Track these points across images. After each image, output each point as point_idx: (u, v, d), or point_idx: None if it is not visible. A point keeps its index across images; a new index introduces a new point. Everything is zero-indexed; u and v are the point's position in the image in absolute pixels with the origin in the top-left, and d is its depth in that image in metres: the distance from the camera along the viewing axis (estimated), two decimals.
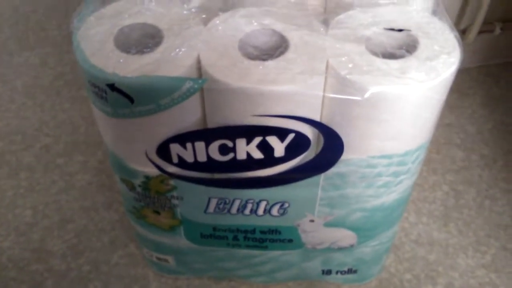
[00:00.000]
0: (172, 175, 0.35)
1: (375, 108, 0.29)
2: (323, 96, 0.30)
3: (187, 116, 0.31)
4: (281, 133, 0.31)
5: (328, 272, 0.44)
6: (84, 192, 0.55)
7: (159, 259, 0.45)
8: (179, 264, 0.45)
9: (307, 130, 0.31)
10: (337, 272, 0.44)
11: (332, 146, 0.32)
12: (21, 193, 0.55)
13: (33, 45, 0.76)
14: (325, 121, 0.31)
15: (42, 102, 0.66)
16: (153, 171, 0.34)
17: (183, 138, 0.32)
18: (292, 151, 0.32)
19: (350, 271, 0.44)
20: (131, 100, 0.29)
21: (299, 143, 0.32)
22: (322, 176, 0.34)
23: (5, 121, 0.63)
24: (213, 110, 0.31)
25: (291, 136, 0.31)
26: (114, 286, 0.46)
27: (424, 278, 0.48)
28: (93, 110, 0.33)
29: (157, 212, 0.39)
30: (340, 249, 0.41)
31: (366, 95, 0.29)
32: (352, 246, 0.41)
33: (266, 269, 0.44)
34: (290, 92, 0.29)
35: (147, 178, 0.35)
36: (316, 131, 0.31)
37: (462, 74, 0.70)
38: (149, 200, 0.37)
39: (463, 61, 0.30)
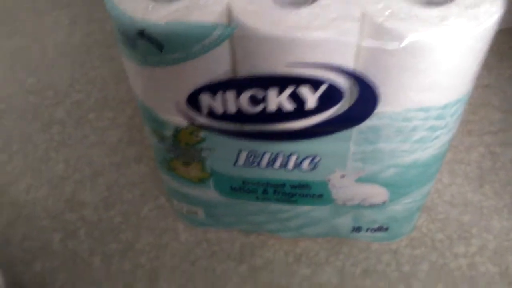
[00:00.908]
0: (202, 126, 0.34)
1: (412, 57, 0.28)
2: (358, 45, 0.29)
3: (217, 65, 0.30)
4: (314, 83, 0.30)
5: (358, 229, 0.44)
6: (115, 146, 0.55)
7: (188, 211, 0.45)
8: (208, 217, 0.45)
9: (341, 81, 0.30)
10: (367, 230, 0.44)
11: (367, 98, 0.31)
12: (54, 147, 0.56)
13: (62, 4, 0.76)
14: (359, 71, 0.30)
15: (72, 59, 0.66)
16: (183, 122, 0.34)
17: (213, 88, 0.31)
18: (325, 102, 0.31)
19: (380, 228, 0.44)
20: (161, 47, 0.29)
21: (332, 94, 0.31)
22: (355, 129, 0.33)
23: (37, 77, 0.64)
24: (243, 58, 0.30)
25: (324, 87, 0.30)
26: (144, 237, 0.47)
27: (457, 239, 0.47)
28: (124, 60, 0.33)
29: (187, 164, 0.39)
30: (371, 206, 0.41)
31: (403, 44, 0.27)
32: (384, 203, 0.40)
33: (295, 224, 0.44)
34: (323, 39, 0.27)
35: (177, 129, 0.35)
36: (349, 82, 0.30)
37: (503, 34, 0.67)
38: (179, 151, 0.37)
39: (504, 21, 0.28)
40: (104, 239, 0.47)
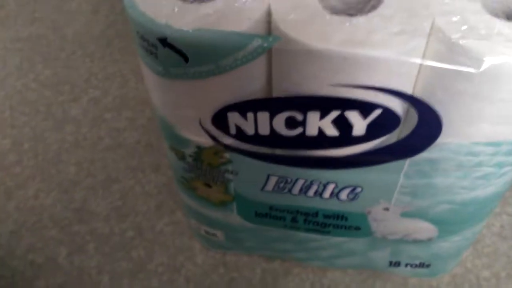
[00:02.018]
0: (228, 148, 0.30)
1: (491, 83, 0.23)
2: (421, 65, 0.23)
3: (250, 82, 0.25)
4: (365, 108, 0.25)
5: (397, 264, 0.39)
6: (131, 151, 0.51)
7: (207, 232, 0.41)
8: (229, 240, 0.40)
9: (397, 106, 0.25)
10: (406, 265, 0.39)
11: (427, 127, 0.26)
12: (66, 148, 0.52)
13: None
14: (421, 95, 0.25)
15: (92, 52, 0.62)
16: (206, 141, 0.30)
17: (243, 107, 0.26)
18: (376, 130, 0.26)
19: (422, 265, 0.39)
20: (186, 58, 0.24)
21: (385, 121, 0.26)
22: (408, 161, 0.28)
23: (53, 70, 0.60)
24: (282, 75, 0.25)
25: (377, 112, 0.25)
26: (158, 255, 0.43)
27: (505, 277, 0.42)
28: (142, 68, 0.28)
29: (208, 186, 0.34)
30: (415, 241, 0.36)
31: (483, 67, 0.22)
32: (430, 239, 0.35)
33: (326, 254, 0.39)
34: (383, 58, 0.23)
35: (200, 148, 0.31)
36: (406, 107, 0.25)
37: None
38: (200, 172, 0.33)
39: None
40: (114, 256, 0.43)
